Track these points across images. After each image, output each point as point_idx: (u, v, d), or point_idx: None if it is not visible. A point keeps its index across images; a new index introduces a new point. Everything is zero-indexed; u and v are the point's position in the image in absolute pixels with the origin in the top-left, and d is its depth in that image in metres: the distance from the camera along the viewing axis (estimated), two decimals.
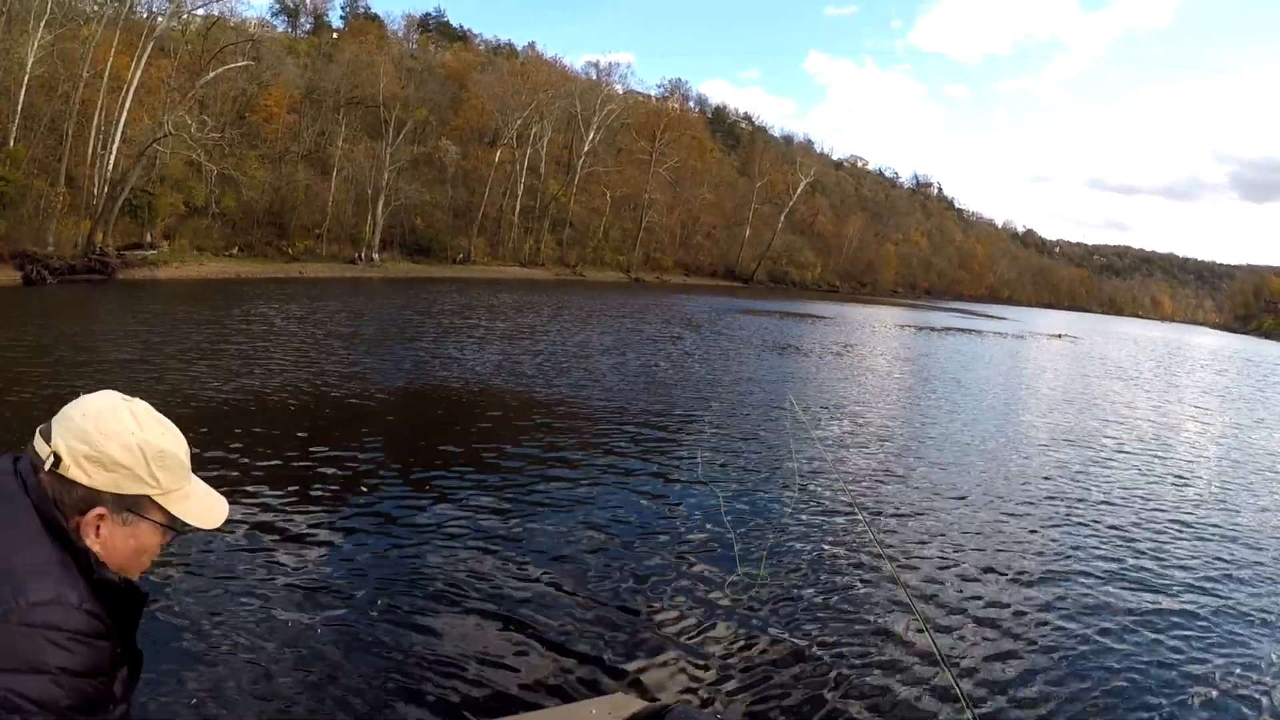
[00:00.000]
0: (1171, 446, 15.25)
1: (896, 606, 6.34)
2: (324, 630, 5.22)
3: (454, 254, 54.65)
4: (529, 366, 16.37)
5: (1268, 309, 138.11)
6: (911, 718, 4.91)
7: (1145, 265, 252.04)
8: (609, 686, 4.83)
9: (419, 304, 28.86)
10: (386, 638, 5.24)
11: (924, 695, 5.10)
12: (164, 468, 1.62)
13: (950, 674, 4.33)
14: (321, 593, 5.72)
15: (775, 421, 13.05)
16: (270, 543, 6.45)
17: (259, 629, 5.12)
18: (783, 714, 4.85)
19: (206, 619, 5.14)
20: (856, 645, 5.72)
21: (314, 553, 6.39)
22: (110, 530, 1.59)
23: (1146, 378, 30.24)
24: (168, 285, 30.22)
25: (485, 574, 6.30)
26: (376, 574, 6.11)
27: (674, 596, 6.22)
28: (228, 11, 45.96)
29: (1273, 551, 8.97)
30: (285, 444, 9.26)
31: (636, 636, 5.57)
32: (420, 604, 5.72)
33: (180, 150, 34.79)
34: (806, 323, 39.87)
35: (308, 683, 4.66)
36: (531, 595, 6.00)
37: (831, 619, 6.10)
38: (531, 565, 6.51)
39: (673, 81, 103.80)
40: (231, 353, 14.91)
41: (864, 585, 6.78)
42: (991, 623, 6.30)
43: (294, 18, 77.34)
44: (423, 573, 6.22)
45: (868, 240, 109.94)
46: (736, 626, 5.82)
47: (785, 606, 6.23)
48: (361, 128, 52.11)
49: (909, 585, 6.81)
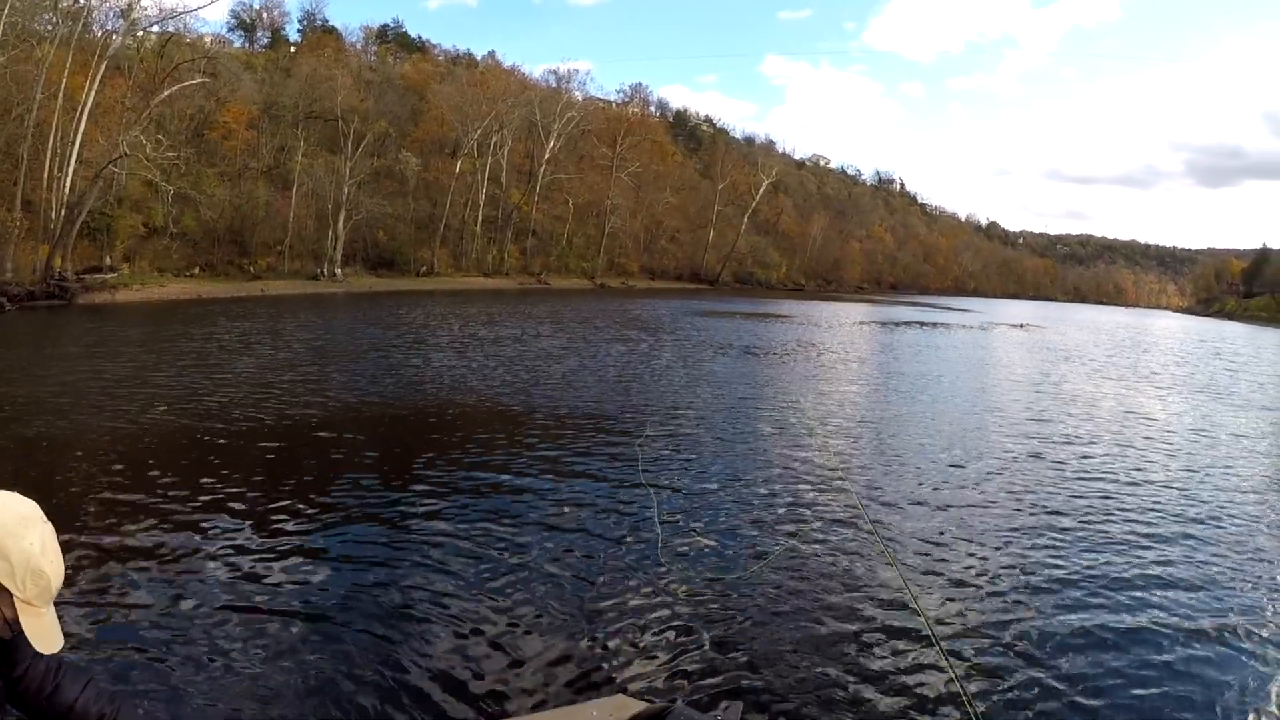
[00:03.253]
0: (1114, 420, 15.94)
1: (890, 600, 6.53)
2: (310, 644, 5.29)
3: (418, 266, 54.84)
4: (486, 378, 16.67)
5: (1229, 291, 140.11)
6: (910, 708, 5.01)
7: (1108, 253, 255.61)
8: (607, 689, 4.85)
9: (380, 319, 29.02)
10: (369, 649, 5.32)
11: (923, 691, 5.21)
12: (35, 583, 1.98)
13: (953, 670, 4.69)
14: (302, 607, 5.80)
15: (729, 421, 13.58)
16: (250, 562, 6.53)
17: (249, 648, 5.18)
18: (781, 712, 4.90)
19: (187, 640, 5.21)
20: (850, 638, 5.87)
21: (293, 569, 6.48)
22: None
23: (1100, 360, 31.41)
24: (128, 308, 30.13)
25: (464, 581, 6.43)
26: (353, 586, 6.21)
27: (646, 594, 6.40)
28: (183, 28, 45.83)
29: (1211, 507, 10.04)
30: (247, 465, 9.39)
31: (618, 638, 5.65)
32: (400, 614, 5.82)
33: (137, 171, 34.77)
34: (765, 322, 40.22)
35: (302, 690, 4.76)
36: (510, 603, 6.10)
37: (819, 613, 6.27)
38: (507, 569, 6.68)
39: (633, 86, 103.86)
40: (184, 375, 15.03)
41: (849, 579, 6.99)
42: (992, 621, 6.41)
43: (250, 32, 76.85)
44: (402, 584, 6.32)
45: (832, 238, 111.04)
46: (717, 622, 5.98)
47: (764, 603, 6.38)
48: (321, 142, 52.09)
49: (902, 563, 7.34)
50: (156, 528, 7.09)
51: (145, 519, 7.28)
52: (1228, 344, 50.30)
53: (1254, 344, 52.59)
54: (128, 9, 38.75)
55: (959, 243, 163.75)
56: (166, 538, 6.85)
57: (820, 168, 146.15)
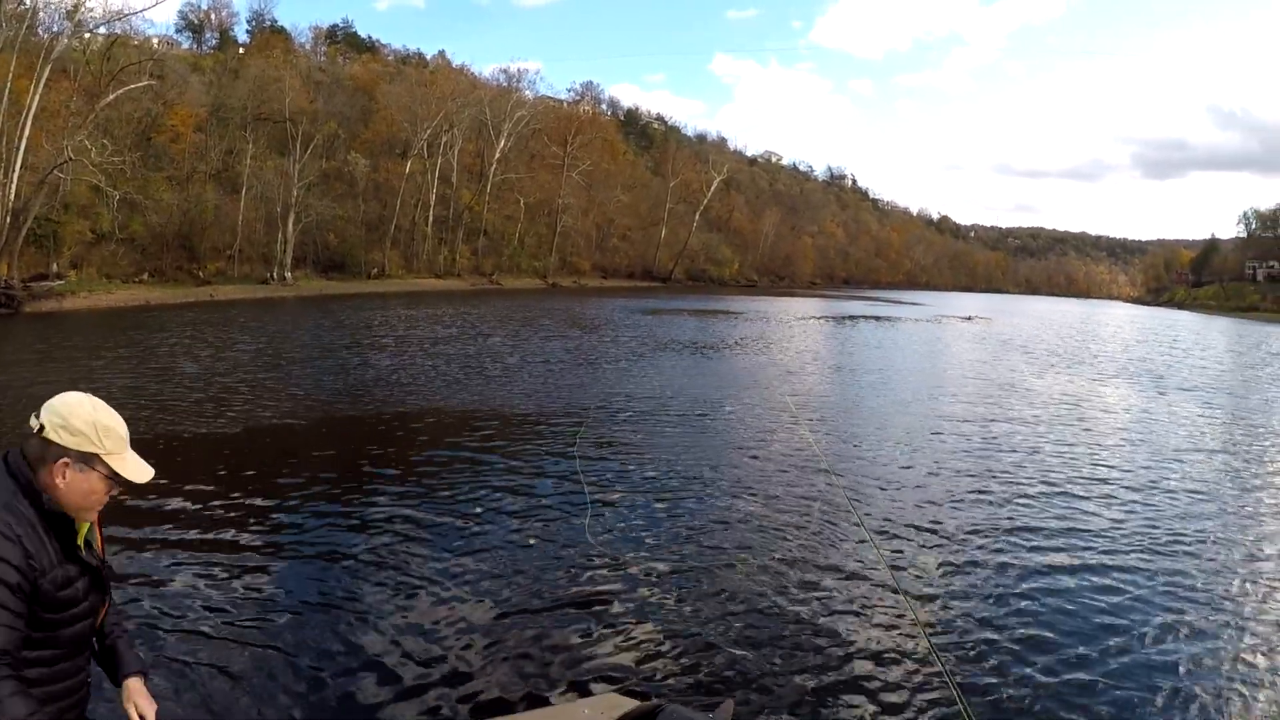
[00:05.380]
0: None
1: (879, 585, 6.93)
2: (284, 647, 5.43)
3: (369, 269, 54.81)
4: (431, 380, 17.05)
5: (1179, 281, 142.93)
6: (901, 702, 5.20)
7: (1059, 245, 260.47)
8: (600, 687, 4.98)
9: (328, 322, 29.19)
10: (323, 648, 5.46)
11: (915, 686, 5.39)
12: (108, 436, 2.41)
13: (943, 667, 5.13)
14: (258, 611, 5.94)
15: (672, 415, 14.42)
16: (202, 568, 6.67)
17: (201, 654, 5.27)
18: (779, 710, 5.00)
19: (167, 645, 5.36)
20: (839, 629, 6.15)
21: (247, 571, 6.64)
22: (71, 476, 2.36)
23: (1040, 351, 32.98)
24: (76, 316, 29.93)
25: (426, 576, 6.69)
26: (308, 588, 6.38)
27: (604, 586, 6.68)
28: (129, 30, 45.39)
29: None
30: (192, 470, 9.47)
31: (592, 636, 5.82)
32: (368, 614, 5.97)
33: (83, 176, 34.55)
34: (711, 319, 40.72)
35: (289, 693, 4.91)
36: (489, 603, 6.28)
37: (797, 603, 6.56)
38: (475, 570, 6.92)
39: (584, 85, 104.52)
40: (127, 383, 15.29)
41: (826, 564, 7.46)
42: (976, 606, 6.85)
43: (198, 34, 76.39)
44: (361, 583, 6.52)
45: (784, 234, 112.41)
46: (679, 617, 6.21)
47: (718, 597, 6.63)
48: (270, 144, 51.69)
49: (873, 531, 8.31)
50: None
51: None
52: (1172, 331, 52.41)
53: (1202, 331, 55.01)
54: (73, 10, 38.35)
55: (911, 237, 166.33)
56: (110, 545, 7.21)
57: (772, 164, 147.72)
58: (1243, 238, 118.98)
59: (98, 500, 2.45)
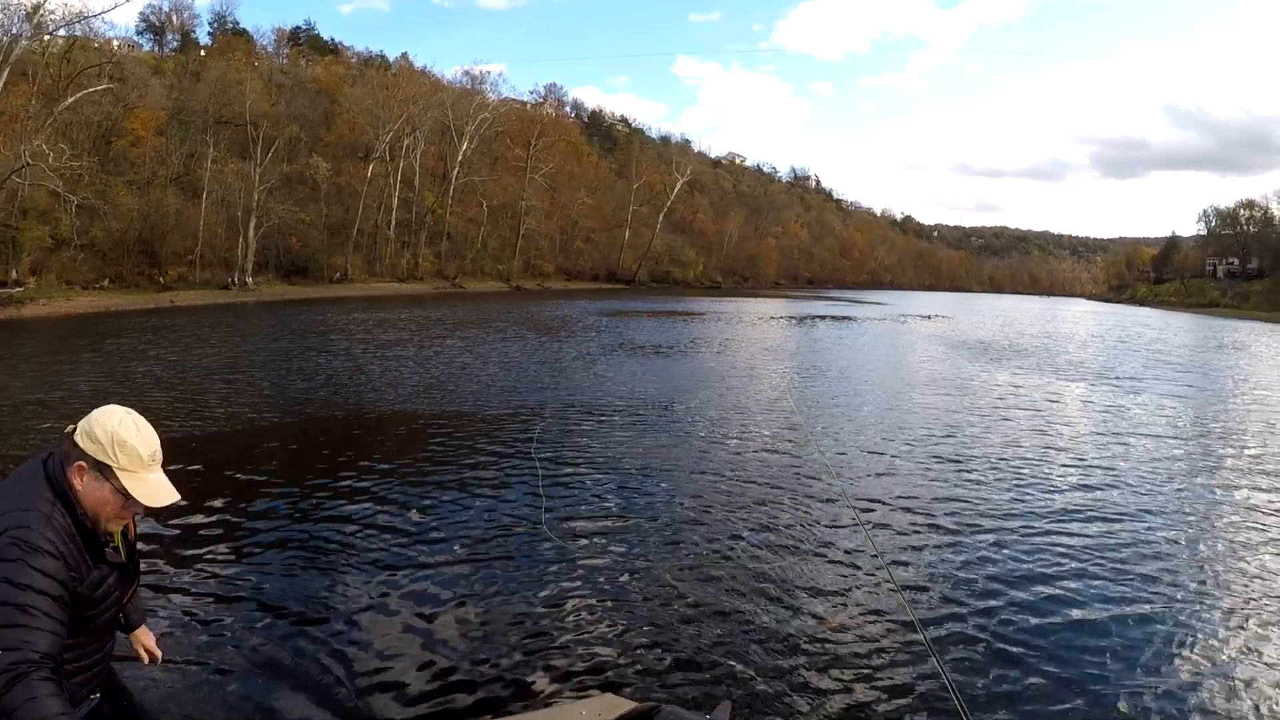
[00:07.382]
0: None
1: (872, 576, 7.05)
2: (283, 646, 5.46)
3: (331, 273, 54.58)
4: (390, 384, 16.93)
5: (1140, 278, 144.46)
6: (896, 700, 5.17)
7: (1022, 244, 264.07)
8: (595, 689, 4.95)
9: (287, 328, 29.11)
10: (323, 651, 5.42)
11: (910, 682, 5.39)
12: (123, 452, 2.45)
13: (940, 665, 5.11)
14: (272, 616, 5.92)
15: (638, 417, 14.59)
16: (173, 570, 6.66)
17: (176, 653, 5.21)
18: (778, 710, 4.96)
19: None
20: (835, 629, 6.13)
21: (215, 577, 6.62)
22: (87, 481, 2.45)
23: (998, 347, 33.84)
24: (35, 323, 29.60)
25: (402, 577, 6.68)
26: (287, 596, 6.31)
27: (571, 589, 6.64)
28: (90, 31, 45.25)
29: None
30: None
31: (574, 638, 5.78)
32: (355, 616, 5.96)
33: (42, 181, 34.50)
34: (670, 320, 40.76)
35: (283, 691, 4.93)
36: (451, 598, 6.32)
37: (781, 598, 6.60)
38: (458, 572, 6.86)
39: (547, 87, 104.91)
40: (87, 389, 15.18)
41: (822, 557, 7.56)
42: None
43: (160, 36, 75.85)
44: (334, 582, 6.54)
45: (748, 235, 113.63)
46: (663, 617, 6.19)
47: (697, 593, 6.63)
48: (231, 148, 51.31)
49: (868, 525, 8.39)
50: None
51: None
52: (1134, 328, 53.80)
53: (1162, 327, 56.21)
54: (33, 11, 38.27)
55: (874, 237, 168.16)
56: None
57: (736, 166, 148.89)
58: (1203, 235, 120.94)
59: (112, 511, 2.51)
